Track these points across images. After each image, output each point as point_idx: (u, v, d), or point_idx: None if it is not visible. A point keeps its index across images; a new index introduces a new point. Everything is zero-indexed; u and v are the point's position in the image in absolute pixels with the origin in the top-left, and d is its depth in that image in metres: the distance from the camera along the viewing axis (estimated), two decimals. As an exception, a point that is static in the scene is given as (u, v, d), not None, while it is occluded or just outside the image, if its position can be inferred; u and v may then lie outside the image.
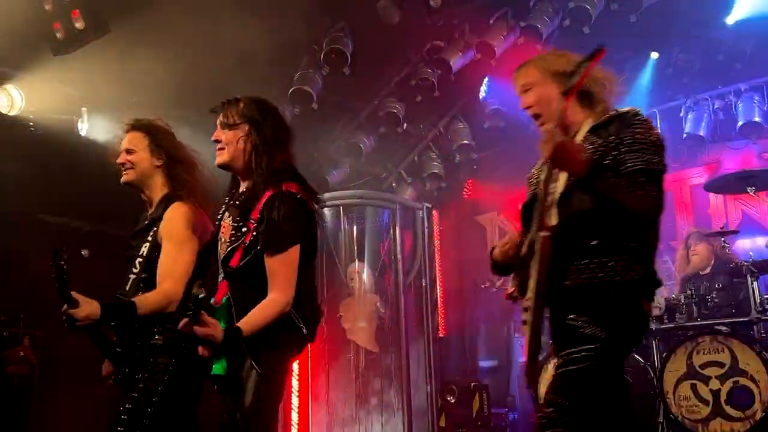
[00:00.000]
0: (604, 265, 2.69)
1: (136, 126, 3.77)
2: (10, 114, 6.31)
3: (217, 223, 3.39)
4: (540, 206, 2.76)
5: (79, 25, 5.58)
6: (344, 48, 7.01)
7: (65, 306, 3.16)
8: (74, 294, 3.16)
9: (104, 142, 6.65)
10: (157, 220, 3.57)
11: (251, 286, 3.20)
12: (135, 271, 3.53)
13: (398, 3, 6.72)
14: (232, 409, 3.10)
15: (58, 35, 5.70)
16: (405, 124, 8.13)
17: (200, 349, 3.04)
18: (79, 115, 6.65)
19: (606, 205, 2.65)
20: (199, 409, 3.48)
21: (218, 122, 3.35)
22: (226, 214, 3.35)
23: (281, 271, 3.16)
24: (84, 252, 5.93)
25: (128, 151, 3.69)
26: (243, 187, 3.33)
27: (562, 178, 2.80)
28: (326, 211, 8.37)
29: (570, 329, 2.73)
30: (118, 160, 3.69)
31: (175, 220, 3.52)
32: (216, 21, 6.13)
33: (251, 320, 3.08)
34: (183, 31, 6.06)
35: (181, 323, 2.93)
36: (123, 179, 3.70)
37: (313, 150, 8.01)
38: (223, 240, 3.32)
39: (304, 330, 3.21)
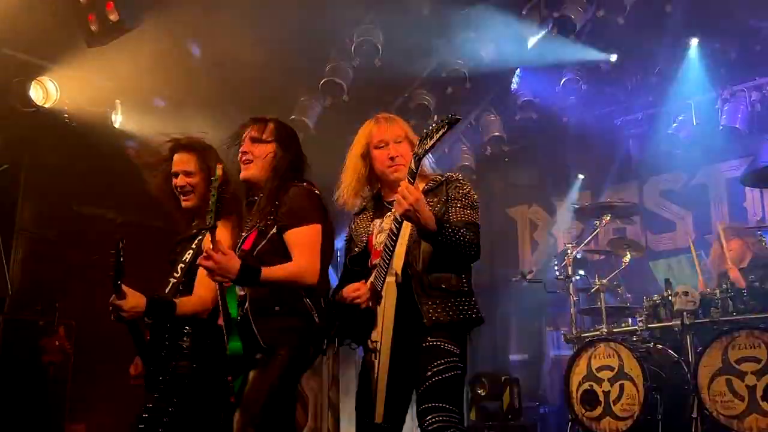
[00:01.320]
0: (456, 305, 3.12)
1: (188, 146, 3.79)
2: (46, 106, 6.39)
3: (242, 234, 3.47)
4: (384, 254, 3.07)
5: (113, 17, 5.63)
6: (375, 40, 6.99)
7: (113, 296, 3.23)
8: (124, 287, 3.23)
9: (138, 134, 6.73)
10: (202, 231, 3.62)
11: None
12: (176, 275, 3.61)
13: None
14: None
15: (93, 27, 5.75)
16: (435, 117, 8.09)
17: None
18: (113, 107, 6.72)
19: (448, 252, 3.07)
20: (221, 415, 3.52)
21: (248, 137, 3.46)
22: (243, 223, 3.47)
23: (305, 242, 3.23)
24: (121, 244, 5.99)
25: (187, 174, 3.73)
26: (255, 194, 3.48)
27: (406, 229, 3.10)
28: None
29: (430, 348, 3.06)
30: (178, 183, 3.73)
31: (219, 235, 3.57)
32: (249, 14, 6.15)
33: (273, 269, 3.13)
34: (216, 24, 6.09)
35: (201, 257, 3.03)
36: (184, 204, 3.75)
37: (344, 141, 8.01)
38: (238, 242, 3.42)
39: (316, 317, 3.22)
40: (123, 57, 6.10)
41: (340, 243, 4.10)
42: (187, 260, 3.63)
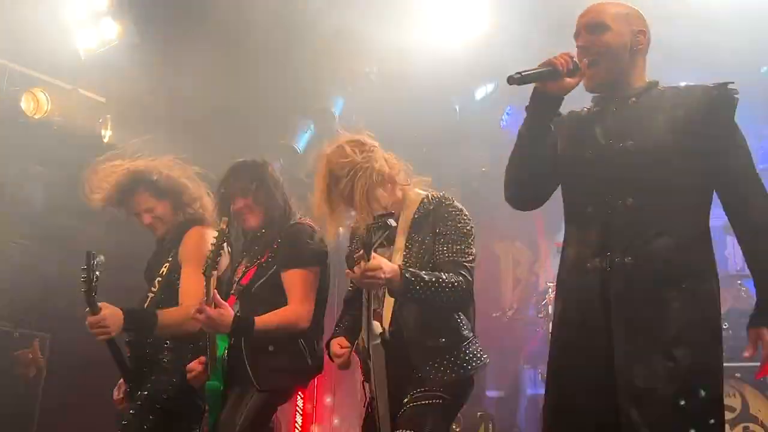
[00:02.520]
0: (455, 362, 3.01)
1: (140, 184, 3.79)
2: (36, 117, 6.37)
3: (235, 266, 3.47)
4: (365, 319, 2.95)
5: (111, 33, 5.66)
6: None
7: (89, 313, 3.21)
8: (101, 304, 3.21)
9: (125, 151, 6.73)
10: (175, 243, 3.63)
11: (261, 305, 3.25)
12: (153, 290, 3.60)
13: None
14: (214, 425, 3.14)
15: (90, 42, 5.77)
16: (424, 148, 8.13)
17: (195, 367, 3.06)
18: (104, 122, 6.71)
19: (432, 309, 2.95)
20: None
21: (239, 199, 3.49)
22: (244, 257, 3.45)
23: (300, 285, 3.24)
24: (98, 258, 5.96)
25: (148, 210, 3.76)
26: (259, 230, 3.51)
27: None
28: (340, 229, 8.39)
29: (414, 378, 2.98)
30: (144, 222, 3.74)
31: (193, 244, 3.57)
32: (245, 47, 6.20)
33: (266, 318, 3.13)
34: (213, 49, 6.12)
35: (194, 310, 3.02)
36: (155, 234, 3.80)
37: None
38: (236, 277, 3.40)
39: (309, 360, 3.25)
40: (117, 74, 6.12)
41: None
42: (163, 273, 3.61)
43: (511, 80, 2.52)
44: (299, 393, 7.01)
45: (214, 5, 5.90)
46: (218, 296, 3.09)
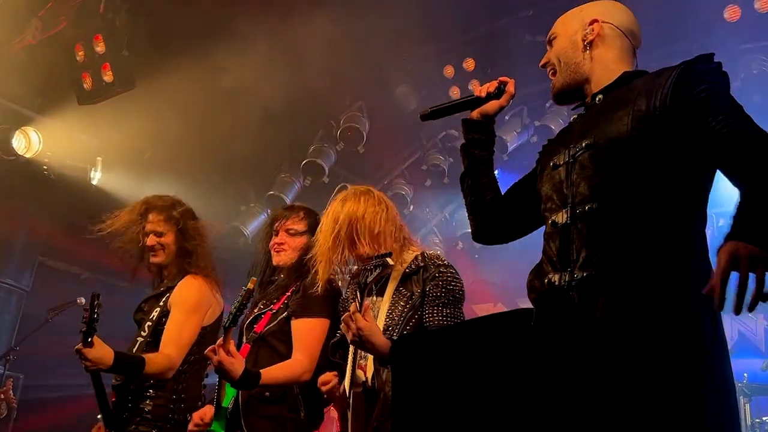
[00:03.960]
0: None
1: (159, 206, 3.82)
2: (26, 155, 6.40)
3: (250, 306, 3.49)
4: (351, 360, 2.95)
5: (107, 78, 5.73)
6: (361, 127, 7.15)
7: (80, 343, 3.19)
8: (95, 339, 3.20)
9: (114, 193, 6.75)
10: (171, 288, 3.63)
11: (274, 351, 3.25)
12: (143, 334, 3.59)
13: (417, 90, 6.91)
14: None
15: (86, 85, 5.84)
16: (411, 207, 8.21)
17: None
18: (94, 164, 6.75)
19: None
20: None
21: (284, 228, 3.53)
22: (260, 300, 3.47)
23: (308, 336, 3.25)
24: (80, 300, 5.94)
25: (157, 234, 3.75)
26: (278, 275, 3.54)
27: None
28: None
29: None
30: (149, 242, 3.75)
31: (186, 291, 3.58)
32: (235, 90, 6.29)
33: (272, 372, 3.12)
34: (202, 96, 6.21)
35: (209, 348, 3.00)
36: (152, 260, 3.77)
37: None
38: (250, 316, 3.41)
39: (302, 414, 3.23)
40: (110, 117, 6.18)
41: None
42: (154, 318, 3.60)
43: (423, 117, 2.41)
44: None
45: (205, 56, 6.00)
46: (233, 346, 3.07)
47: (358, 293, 2.88)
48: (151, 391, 3.48)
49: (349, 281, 3.37)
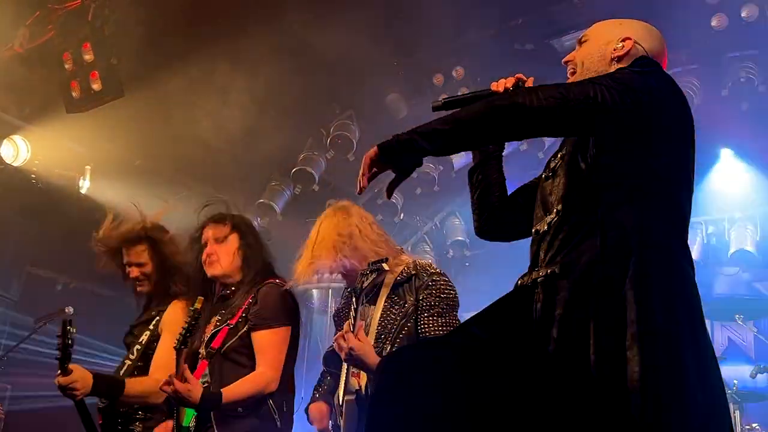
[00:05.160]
0: None
1: (139, 237, 3.79)
2: (14, 164, 6.37)
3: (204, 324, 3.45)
4: (345, 369, 2.98)
5: (96, 86, 5.70)
6: (351, 135, 7.15)
7: (59, 374, 3.21)
8: (71, 366, 3.19)
9: (102, 203, 6.72)
10: (161, 312, 3.62)
11: (233, 368, 3.23)
12: (131, 357, 3.58)
13: (406, 98, 6.91)
14: None
15: (74, 94, 5.81)
16: (402, 215, 8.21)
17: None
18: (83, 172, 6.72)
19: None
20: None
21: (210, 237, 3.47)
22: (213, 317, 3.43)
23: (270, 347, 3.22)
24: (67, 309, 5.89)
25: (138, 265, 3.75)
26: (228, 288, 3.48)
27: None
28: (314, 291, 8.37)
29: None
30: (131, 274, 3.74)
31: (175, 316, 3.56)
32: (224, 97, 6.29)
33: (234, 389, 3.10)
34: (191, 104, 6.20)
35: (163, 382, 2.95)
36: (138, 290, 3.77)
37: (307, 232, 8.07)
38: (206, 335, 3.38)
39: (279, 423, 3.21)
40: (99, 126, 6.15)
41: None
42: (143, 342, 3.61)
43: (435, 108, 2.41)
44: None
45: (195, 64, 5.99)
46: (188, 371, 3.06)
47: (353, 299, 2.90)
48: (140, 413, 3.48)
49: (343, 291, 3.37)
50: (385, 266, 2.89)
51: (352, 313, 2.89)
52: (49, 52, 5.88)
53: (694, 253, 7.51)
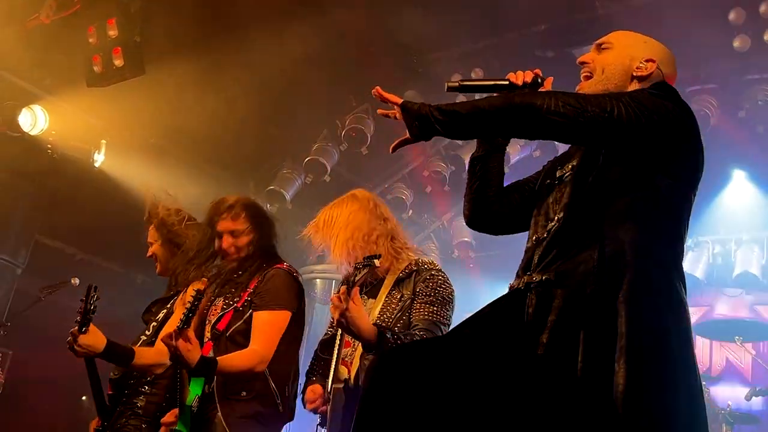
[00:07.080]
0: None
1: (149, 218, 3.85)
2: (32, 133, 6.41)
3: (209, 304, 3.49)
4: (335, 356, 3.01)
5: (117, 62, 5.75)
6: (365, 129, 7.18)
7: (75, 327, 3.26)
8: (91, 326, 3.25)
9: (115, 177, 6.77)
10: (179, 293, 3.67)
11: (237, 349, 3.28)
12: (147, 333, 3.64)
13: (424, 95, 6.92)
14: None
15: (96, 68, 5.86)
16: (410, 211, 8.23)
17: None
18: (98, 146, 6.77)
19: None
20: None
21: (226, 230, 3.48)
22: (219, 298, 3.46)
23: (266, 327, 3.26)
24: (74, 280, 5.96)
25: (149, 245, 3.82)
26: (235, 272, 3.51)
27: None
28: (317, 281, 8.42)
29: None
30: (148, 253, 3.81)
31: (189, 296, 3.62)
32: (241, 84, 6.32)
33: (229, 360, 3.15)
34: (209, 87, 6.24)
35: (166, 334, 3.04)
36: (159, 271, 3.84)
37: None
38: (212, 316, 3.42)
39: (281, 407, 3.25)
40: (118, 101, 6.20)
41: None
42: (160, 319, 3.67)
43: (450, 88, 2.40)
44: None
45: (216, 48, 6.03)
46: (192, 334, 3.10)
47: (347, 289, 2.91)
48: (146, 387, 3.54)
49: (340, 282, 3.40)
50: (376, 262, 2.91)
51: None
52: (74, 25, 5.93)
53: (699, 272, 7.52)
